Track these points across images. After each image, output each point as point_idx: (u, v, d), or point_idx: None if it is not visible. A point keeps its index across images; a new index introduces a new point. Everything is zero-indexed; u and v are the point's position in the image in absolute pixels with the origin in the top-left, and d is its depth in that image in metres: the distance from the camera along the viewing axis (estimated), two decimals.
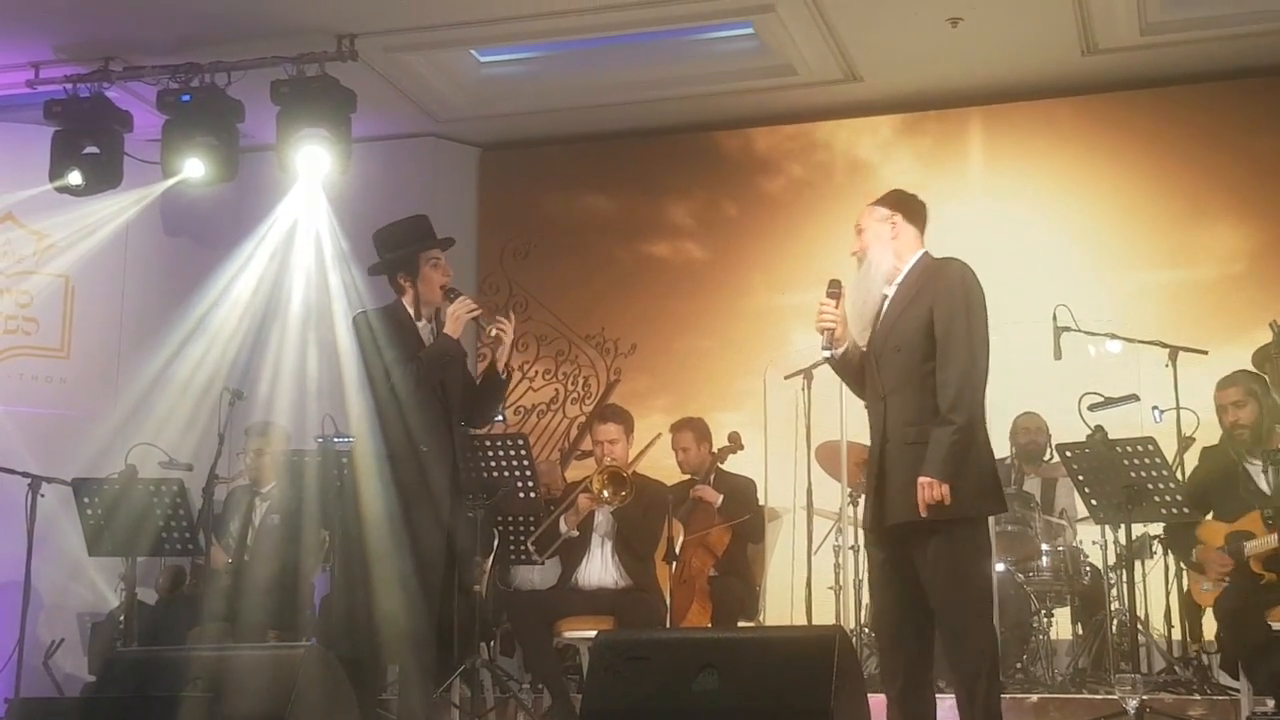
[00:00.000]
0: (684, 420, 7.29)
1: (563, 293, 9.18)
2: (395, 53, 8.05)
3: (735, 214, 9.03)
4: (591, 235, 9.23)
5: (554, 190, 9.31)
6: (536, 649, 6.47)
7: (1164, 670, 6.39)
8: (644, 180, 9.18)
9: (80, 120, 7.80)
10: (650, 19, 7.71)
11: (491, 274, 9.31)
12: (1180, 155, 8.33)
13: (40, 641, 7.37)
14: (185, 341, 8.28)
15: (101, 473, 6.87)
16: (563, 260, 9.23)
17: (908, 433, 4.52)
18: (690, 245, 9.09)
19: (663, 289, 9.06)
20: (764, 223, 8.92)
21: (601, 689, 4.13)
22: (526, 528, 6.75)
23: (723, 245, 9.02)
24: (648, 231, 9.16)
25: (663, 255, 9.12)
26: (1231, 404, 6.15)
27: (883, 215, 4.77)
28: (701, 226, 9.09)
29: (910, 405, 4.54)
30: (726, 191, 9.04)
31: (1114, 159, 8.44)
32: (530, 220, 9.33)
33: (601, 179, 9.28)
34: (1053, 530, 6.89)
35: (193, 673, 4.56)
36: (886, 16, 7.63)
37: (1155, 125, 8.40)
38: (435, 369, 5.30)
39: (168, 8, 7.37)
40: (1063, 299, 6.98)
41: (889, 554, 4.62)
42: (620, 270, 9.16)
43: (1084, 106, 8.51)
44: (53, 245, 8.35)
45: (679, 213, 9.13)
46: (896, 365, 4.58)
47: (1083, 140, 8.49)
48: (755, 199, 8.97)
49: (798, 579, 6.97)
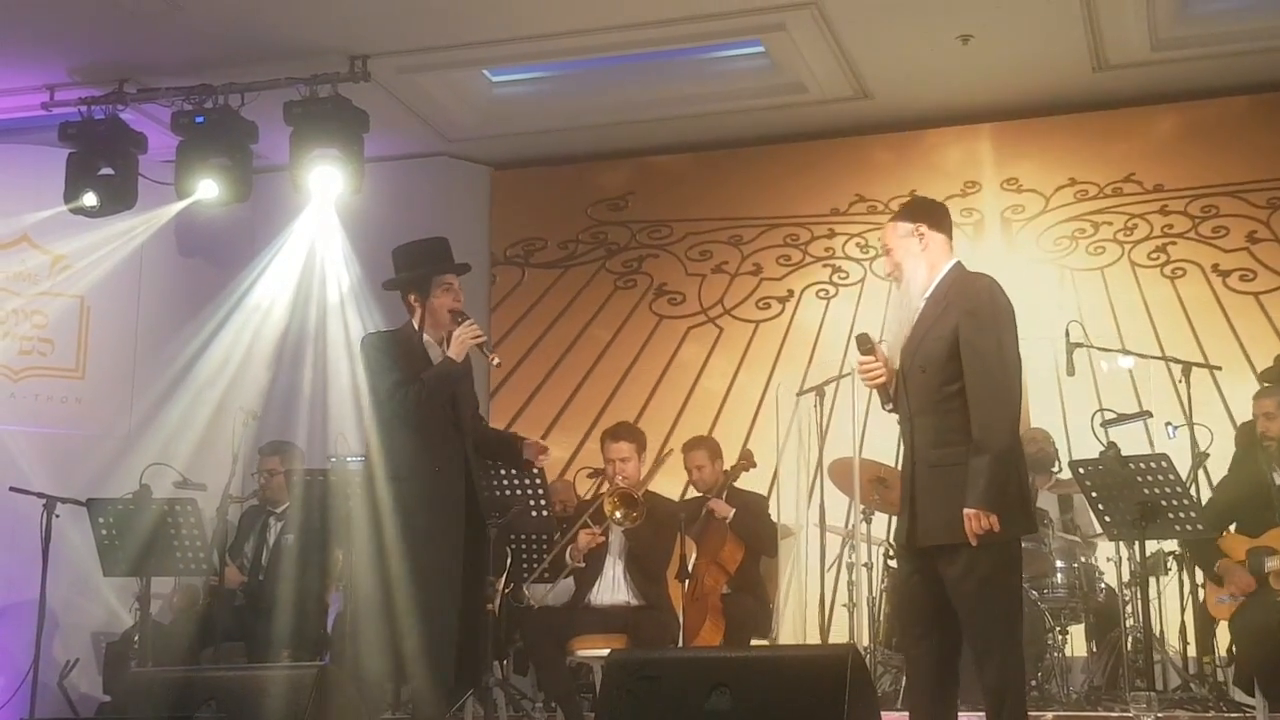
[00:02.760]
0: (697, 439, 7.29)
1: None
2: (407, 73, 8.09)
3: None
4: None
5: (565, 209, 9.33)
6: (549, 668, 6.46)
7: (1179, 687, 6.36)
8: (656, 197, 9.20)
9: (95, 142, 7.85)
10: (661, 38, 7.74)
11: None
12: (1192, 170, 8.32)
13: (55, 661, 7.38)
14: (199, 361, 8.32)
15: (116, 493, 6.88)
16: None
17: (932, 455, 4.49)
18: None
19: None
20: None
21: (614, 708, 4.12)
22: (539, 546, 6.75)
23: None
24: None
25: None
26: (1263, 414, 6.15)
27: (907, 230, 4.67)
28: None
29: (935, 427, 4.50)
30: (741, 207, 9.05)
31: (1125, 174, 8.43)
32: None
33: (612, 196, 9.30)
34: (1067, 547, 6.87)
35: (207, 692, 4.57)
36: (897, 34, 7.64)
37: (1166, 141, 8.40)
38: (438, 390, 5.35)
39: (181, 30, 7.42)
40: (1075, 315, 6.97)
41: (916, 567, 4.59)
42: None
43: (1095, 122, 8.51)
44: (68, 266, 8.39)
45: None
46: (922, 386, 4.54)
47: (1094, 156, 8.49)
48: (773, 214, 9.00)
49: (811, 596, 6.96)
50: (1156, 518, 5.97)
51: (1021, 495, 4.51)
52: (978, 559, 4.39)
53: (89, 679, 7.71)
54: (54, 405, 8.38)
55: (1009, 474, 4.40)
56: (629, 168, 9.28)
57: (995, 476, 4.34)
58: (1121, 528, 6.13)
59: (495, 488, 6.24)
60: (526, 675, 7.03)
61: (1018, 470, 4.49)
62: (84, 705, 7.41)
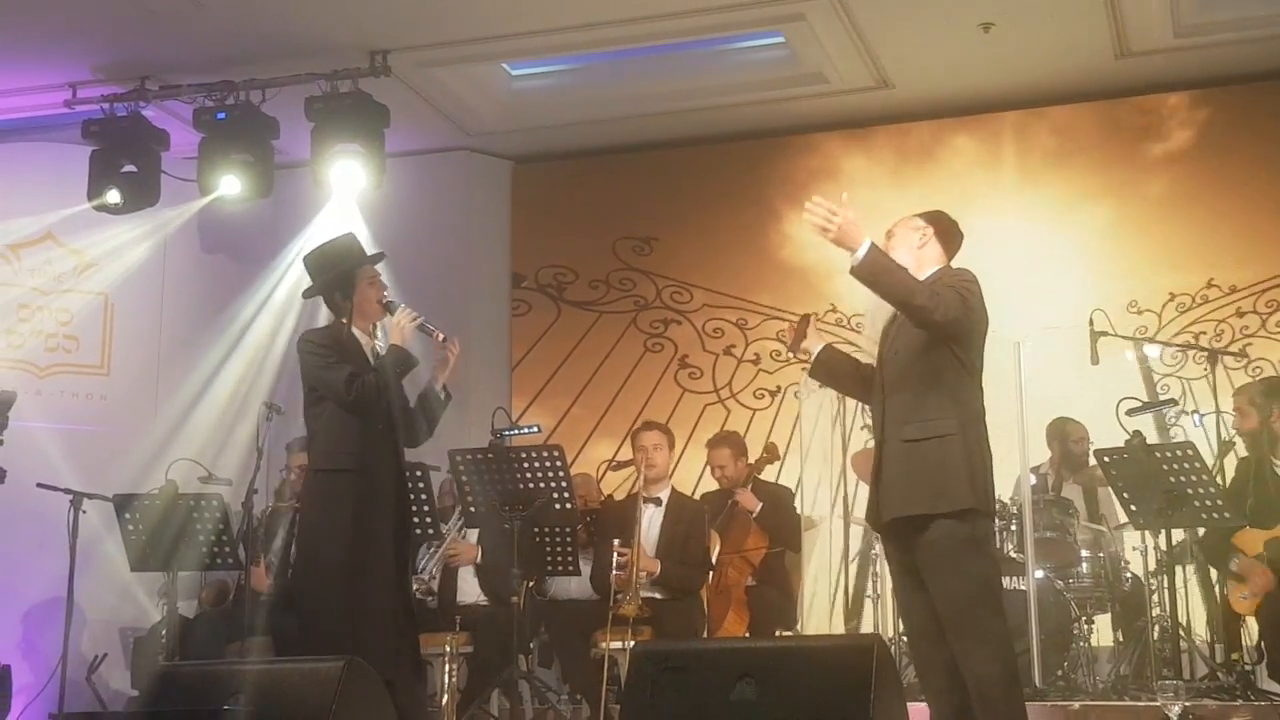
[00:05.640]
0: (719, 436, 7.30)
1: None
2: (427, 68, 8.09)
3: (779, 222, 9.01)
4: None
5: (586, 202, 9.33)
6: (574, 660, 6.48)
7: (1206, 676, 6.33)
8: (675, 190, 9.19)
9: (118, 139, 7.88)
10: (681, 30, 7.73)
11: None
12: (1216, 157, 8.27)
13: (84, 656, 7.42)
14: (224, 357, 8.36)
15: (142, 488, 6.93)
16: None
17: (904, 430, 4.56)
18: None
19: None
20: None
21: (640, 700, 4.13)
22: (563, 539, 6.76)
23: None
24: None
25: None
26: (1237, 411, 6.24)
27: (917, 225, 4.79)
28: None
29: (907, 406, 4.57)
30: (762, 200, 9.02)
31: (1149, 162, 8.39)
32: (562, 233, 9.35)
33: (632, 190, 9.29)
34: (1093, 537, 6.85)
35: (234, 687, 4.58)
36: (917, 23, 7.62)
37: (1190, 127, 8.35)
38: (394, 376, 5.31)
39: (202, 27, 7.44)
40: (1099, 304, 6.94)
41: (902, 559, 4.63)
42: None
43: (1118, 110, 8.46)
44: (92, 263, 8.44)
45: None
46: (896, 367, 4.63)
47: (1118, 143, 8.44)
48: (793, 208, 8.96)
49: (835, 588, 6.95)
50: (1182, 506, 5.95)
51: (982, 471, 4.51)
52: (940, 536, 4.42)
53: (117, 674, 7.76)
54: (79, 402, 8.43)
55: (909, 288, 4.47)
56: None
57: (895, 273, 4.47)
58: (1147, 517, 6.12)
59: (518, 480, 6.23)
60: (551, 668, 7.05)
61: (972, 444, 4.50)
62: (112, 700, 7.45)
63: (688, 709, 4.02)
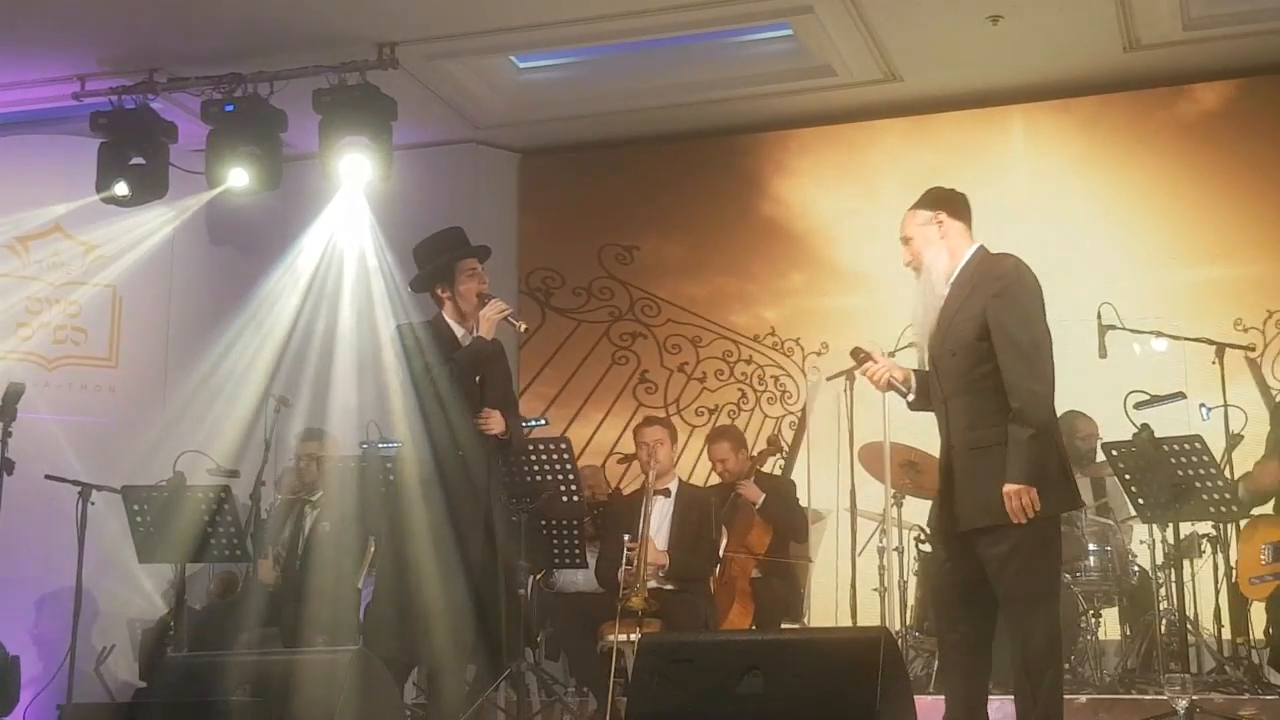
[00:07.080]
0: (719, 430, 7.30)
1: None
2: (435, 60, 8.09)
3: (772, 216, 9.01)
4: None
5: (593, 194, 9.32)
6: (581, 652, 6.48)
7: (1214, 670, 6.33)
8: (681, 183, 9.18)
9: (126, 132, 7.89)
10: (688, 22, 7.71)
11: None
12: (1224, 150, 8.24)
13: (92, 647, 7.45)
14: (231, 349, 8.36)
15: (150, 480, 6.93)
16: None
17: (970, 437, 4.49)
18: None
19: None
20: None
21: (647, 692, 4.14)
22: (570, 531, 6.77)
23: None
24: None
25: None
26: None
27: (926, 218, 4.71)
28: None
29: (969, 409, 4.50)
30: (763, 193, 9.02)
31: (1157, 155, 8.36)
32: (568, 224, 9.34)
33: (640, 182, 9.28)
34: (1100, 530, 6.84)
35: (241, 677, 4.60)
36: (926, 15, 7.60)
37: (1199, 120, 8.33)
38: (470, 369, 5.42)
39: (210, 19, 7.44)
40: (1107, 297, 6.92)
41: (952, 553, 4.58)
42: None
43: (1127, 103, 8.44)
44: (100, 256, 8.45)
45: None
46: (953, 370, 4.54)
47: (1126, 137, 8.42)
48: (793, 200, 8.96)
49: (842, 580, 6.95)
50: (1190, 499, 5.95)
51: (1063, 469, 4.50)
52: (1018, 538, 4.38)
53: (125, 665, 7.78)
54: (88, 394, 8.44)
55: (1048, 449, 4.40)
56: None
57: (1035, 453, 4.34)
58: (1155, 509, 6.11)
59: (525, 473, 6.24)
60: (558, 660, 7.05)
61: (1057, 446, 4.49)
62: (120, 691, 7.47)
63: (694, 701, 4.03)
